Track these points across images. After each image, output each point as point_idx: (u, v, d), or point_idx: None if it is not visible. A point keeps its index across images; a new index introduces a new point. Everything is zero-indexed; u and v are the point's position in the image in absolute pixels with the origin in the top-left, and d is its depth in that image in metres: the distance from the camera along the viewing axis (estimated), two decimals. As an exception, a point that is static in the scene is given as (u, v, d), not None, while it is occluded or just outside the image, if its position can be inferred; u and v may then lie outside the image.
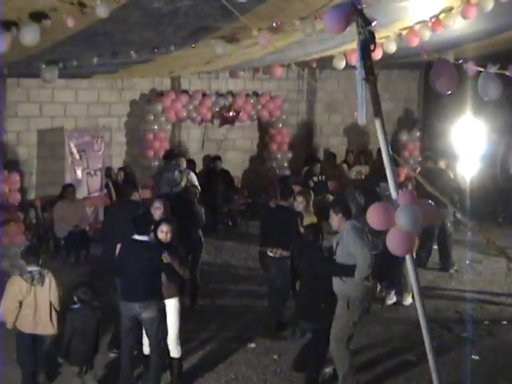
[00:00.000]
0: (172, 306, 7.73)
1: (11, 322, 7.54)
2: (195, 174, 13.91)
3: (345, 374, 7.58)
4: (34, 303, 7.54)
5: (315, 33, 7.84)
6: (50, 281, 7.60)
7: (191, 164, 14.54)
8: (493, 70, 8.04)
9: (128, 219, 7.82)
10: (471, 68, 9.57)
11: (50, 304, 7.58)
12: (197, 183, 13.05)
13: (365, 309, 7.64)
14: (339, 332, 7.54)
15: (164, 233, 7.68)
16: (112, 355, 8.49)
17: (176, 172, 13.14)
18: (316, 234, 7.98)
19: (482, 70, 8.20)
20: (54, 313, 7.62)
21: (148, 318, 7.55)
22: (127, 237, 7.73)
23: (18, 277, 7.59)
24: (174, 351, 7.77)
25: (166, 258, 7.46)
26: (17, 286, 7.52)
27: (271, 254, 9.20)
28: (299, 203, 9.21)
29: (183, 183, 12.93)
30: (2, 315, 7.58)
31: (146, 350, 7.83)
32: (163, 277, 7.61)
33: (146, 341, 7.82)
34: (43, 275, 7.56)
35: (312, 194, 9.83)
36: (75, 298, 7.38)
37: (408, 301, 10.22)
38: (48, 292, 7.57)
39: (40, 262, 7.69)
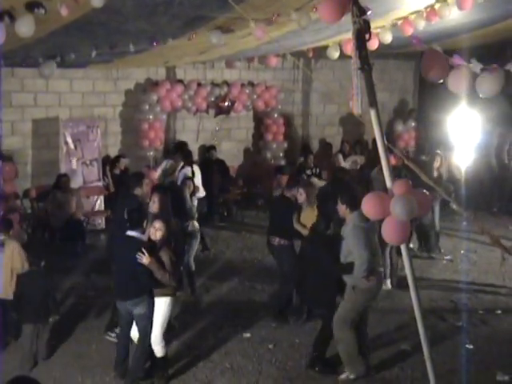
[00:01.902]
0: (162, 304, 7.60)
1: None
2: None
3: (349, 354, 7.69)
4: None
5: (311, 24, 7.84)
6: (13, 249, 8.23)
7: (188, 157, 14.21)
8: (477, 65, 8.01)
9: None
10: (455, 61, 9.57)
11: (12, 271, 8.18)
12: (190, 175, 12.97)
13: (370, 299, 7.76)
14: (342, 313, 7.65)
15: (155, 229, 7.56)
16: (107, 338, 8.62)
17: (165, 162, 13.08)
18: (327, 223, 8.02)
19: (465, 63, 8.15)
20: (15, 278, 8.20)
21: (138, 315, 7.58)
22: (122, 232, 7.77)
23: None
24: (157, 350, 7.68)
25: (142, 257, 7.30)
26: None
27: (272, 242, 9.46)
28: (300, 195, 9.26)
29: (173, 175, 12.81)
30: None
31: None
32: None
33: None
34: (3, 243, 8.24)
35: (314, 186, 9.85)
36: (26, 263, 8.23)
37: (387, 285, 10.40)
38: (9, 259, 8.20)
39: (10, 232, 8.44)
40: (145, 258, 7.32)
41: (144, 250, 7.32)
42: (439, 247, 12.51)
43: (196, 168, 12.72)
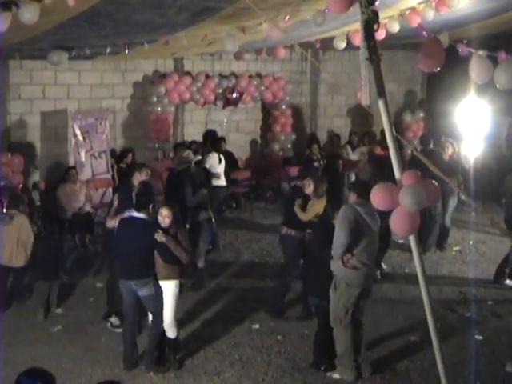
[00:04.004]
0: (168, 288, 7.67)
1: None
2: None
3: (340, 353, 7.62)
4: (5, 238, 9.21)
5: (326, 22, 7.84)
6: (21, 223, 9.31)
7: (215, 144, 14.29)
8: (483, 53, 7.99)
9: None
10: (463, 49, 9.58)
11: (18, 242, 9.20)
12: (208, 166, 13.00)
13: (353, 296, 7.51)
14: (332, 313, 7.60)
15: (162, 216, 7.62)
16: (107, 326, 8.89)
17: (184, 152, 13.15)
18: (333, 212, 8.03)
19: (472, 50, 8.14)
20: (21, 249, 9.25)
21: (145, 296, 7.65)
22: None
23: None
24: (169, 332, 7.77)
25: (160, 235, 7.45)
26: None
27: (280, 231, 9.52)
28: (308, 185, 9.24)
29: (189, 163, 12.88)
30: None
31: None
32: (159, 257, 7.66)
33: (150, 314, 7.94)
34: (12, 217, 9.30)
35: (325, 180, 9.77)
36: (33, 236, 9.36)
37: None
38: (17, 232, 9.23)
39: (20, 207, 9.53)
40: (163, 236, 7.43)
41: (159, 230, 7.48)
42: (444, 246, 12.35)
43: (222, 157, 12.85)
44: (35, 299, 9.46)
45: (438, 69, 5.38)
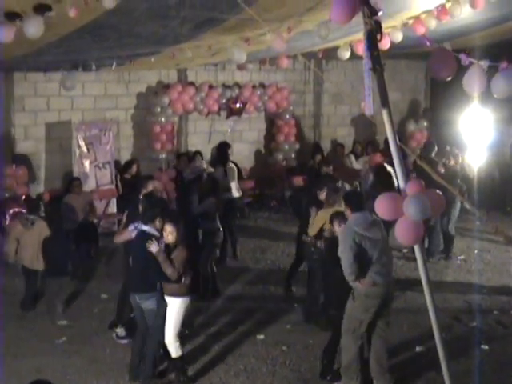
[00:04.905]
0: (175, 305, 7.57)
1: (11, 255, 9.86)
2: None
3: (347, 363, 7.56)
4: (25, 242, 9.65)
5: (330, 33, 7.87)
6: (41, 228, 9.70)
7: (221, 157, 14.18)
8: (485, 62, 7.99)
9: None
10: (464, 59, 9.56)
11: (38, 246, 9.60)
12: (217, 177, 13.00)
13: (372, 306, 7.42)
14: (345, 321, 7.54)
15: (166, 233, 7.55)
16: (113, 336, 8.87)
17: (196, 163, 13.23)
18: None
19: (474, 61, 8.14)
20: (41, 253, 9.63)
21: (147, 310, 7.62)
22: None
23: (17, 220, 10.08)
24: (173, 351, 7.67)
25: (150, 244, 7.40)
26: (14, 227, 10.03)
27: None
28: (322, 193, 9.25)
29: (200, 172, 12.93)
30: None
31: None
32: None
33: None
34: (33, 222, 9.73)
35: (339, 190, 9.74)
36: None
37: None
38: (37, 236, 9.64)
39: (40, 212, 10.07)
40: (153, 246, 7.38)
41: (154, 240, 7.43)
42: (449, 255, 12.26)
43: (230, 168, 12.86)
44: (48, 299, 9.75)
45: (450, 78, 5.38)
